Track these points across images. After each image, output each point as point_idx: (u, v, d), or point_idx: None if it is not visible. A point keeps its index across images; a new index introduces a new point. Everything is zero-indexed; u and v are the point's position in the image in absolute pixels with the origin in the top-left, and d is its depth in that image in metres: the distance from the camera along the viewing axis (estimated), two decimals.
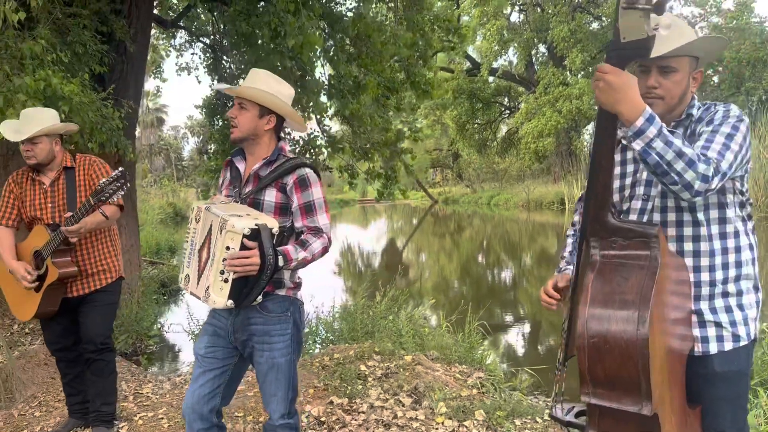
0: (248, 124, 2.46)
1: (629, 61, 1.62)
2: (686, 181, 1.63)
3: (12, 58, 4.56)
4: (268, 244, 2.20)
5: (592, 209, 1.72)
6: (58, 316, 3.42)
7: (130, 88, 7.50)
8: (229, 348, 2.51)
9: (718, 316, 1.87)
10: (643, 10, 1.51)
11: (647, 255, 1.64)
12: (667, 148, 1.61)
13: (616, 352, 1.58)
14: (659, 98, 1.87)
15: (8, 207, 3.38)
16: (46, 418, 3.94)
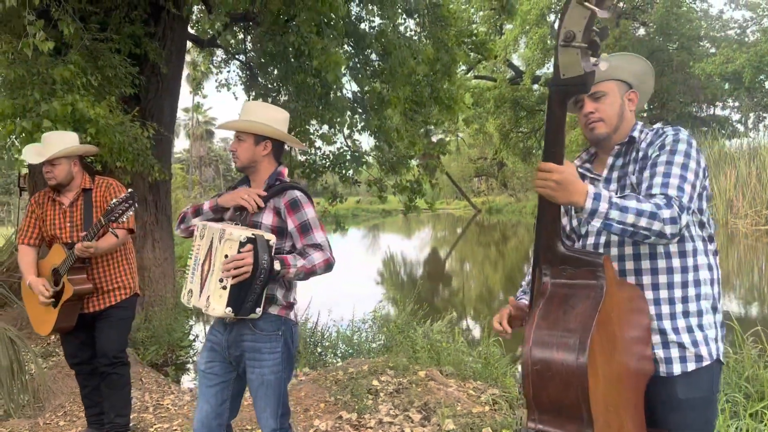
0: (246, 153, 2.62)
1: (570, 96, 1.66)
2: (657, 231, 1.68)
3: (44, 84, 4.83)
4: (263, 250, 2.35)
5: (544, 238, 1.75)
6: (76, 331, 3.60)
7: (164, 108, 7.79)
8: (226, 363, 2.62)
9: (681, 336, 1.87)
10: (580, 48, 1.56)
11: (594, 285, 1.67)
12: (624, 213, 1.66)
13: (558, 379, 1.60)
14: (600, 121, 1.98)
15: (30, 227, 3.58)
16: (69, 427, 4.13)
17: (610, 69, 1.94)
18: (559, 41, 1.59)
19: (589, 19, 1.54)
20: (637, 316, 1.82)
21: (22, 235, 3.58)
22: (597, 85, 1.96)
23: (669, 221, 1.67)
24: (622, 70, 2.01)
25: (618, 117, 1.99)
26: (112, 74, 5.58)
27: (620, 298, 1.73)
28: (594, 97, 1.98)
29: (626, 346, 1.75)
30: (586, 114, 2.00)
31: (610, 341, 1.66)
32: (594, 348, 1.58)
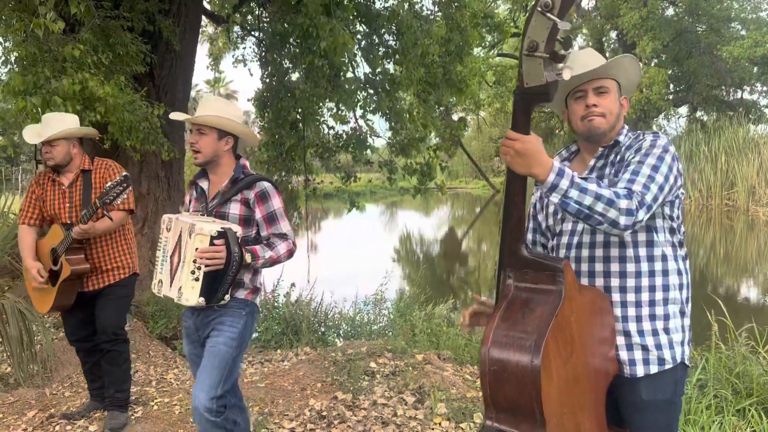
0: (209, 147, 2.74)
1: (533, 104, 1.68)
2: (611, 219, 1.70)
3: (54, 61, 4.90)
4: (234, 243, 2.50)
5: (508, 241, 1.78)
6: (76, 309, 3.71)
7: (178, 84, 7.86)
8: (199, 345, 2.75)
9: (645, 339, 1.91)
10: (542, 59, 1.58)
11: (553, 290, 1.70)
12: (583, 194, 1.68)
13: (513, 380, 1.65)
14: (601, 116, 1.96)
15: (30, 207, 3.68)
16: (74, 398, 4.28)
17: (613, 67, 1.95)
18: (522, 50, 1.60)
19: (552, 30, 1.56)
20: (600, 318, 1.86)
21: (22, 215, 3.68)
22: (601, 80, 1.96)
23: (625, 212, 1.70)
24: (625, 72, 2.00)
25: (616, 116, 2.00)
26: (124, 52, 5.63)
27: (581, 301, 1.76)
28: (598, 91, 1.96)
29: (587, 348, 1.78)
30: (588, 105, 1.96)
31: (568, 344, 1.70)
32: (549, 351, 1.62)
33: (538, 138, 1.69)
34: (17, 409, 4.11)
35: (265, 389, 4.37)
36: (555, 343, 1.65)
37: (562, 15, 1.55)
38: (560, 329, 1.67)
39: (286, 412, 4.01)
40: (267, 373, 4.73)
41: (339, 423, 3.88)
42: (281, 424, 3.84)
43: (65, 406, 4.13)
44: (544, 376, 1.60)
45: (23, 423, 3.86)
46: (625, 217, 1.71)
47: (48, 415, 3.95)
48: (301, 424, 3.86)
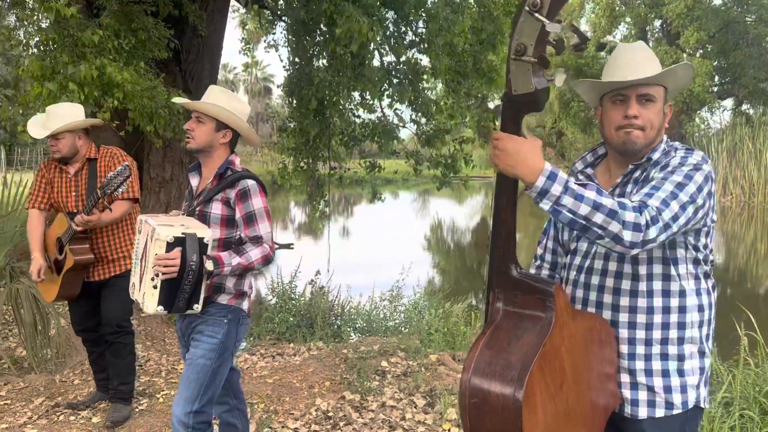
0: (204, 137, 2.61)
1: (522, 113, 1.52)
2: (612, 233, 1.49)
3: (74, 46, 4.87)
4: (192, 251, 2.33)
5: (497, 261, 1.64)
6: (82, 299, 3.69)
7: (205, 69, 7.81)
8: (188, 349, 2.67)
9: (652, 379, 1.73)
10: (530, 63, 1.42)
11: (542, 317, 1.56)
12: (578, 202, 1.48)
13: (495, 415, 1.51)
14: (641, 129, 1.72)
15: (40, 191, 3.65)
16: (83, 387, 4.28)
17: (669, 72, 1.71)
18: (510, 54, 1.45)
19: (541, 32, 1.40)
20: (598, 348, 1.70)
21: (31, 200, 3.66)
22: (650, 87, 1.71)
23: (631, 226, 1.48)
24: (676, 76, 1.75)
25: (657, 131, 1.75)
26: (145, 37, 5.58)
27: (575, 329, 1.61)
28: (643, 99, 1.71)
29: (580, 379, 1.63)
30: (628, 116, 1.71)
31: (557, 376, 1.55)
32: (534, 384, 1.48)
33: (534, 140, 1.51)
34: (25, 395, 4.12)
35: (273, 385, 4.31)
36: (541, 375, 1.51)
37: (551, 15, 1.39)
38: (548, 360, 1.52)
39: (292, 411, 3.94)
40: (277, 368, 4.67)
41: (344, 425, 3.79)
42: (285, 423, 3.77)
43: (73, 395, 4.13)
44: (528, 411, 1.47)
45: (29, 410, 3.87)
46: (630, 232, 1.48)
47: (54, 404, 3.95)
48: (305, 424, 3.78)
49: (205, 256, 2.39)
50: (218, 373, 2.62)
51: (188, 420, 2.53)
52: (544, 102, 1.50)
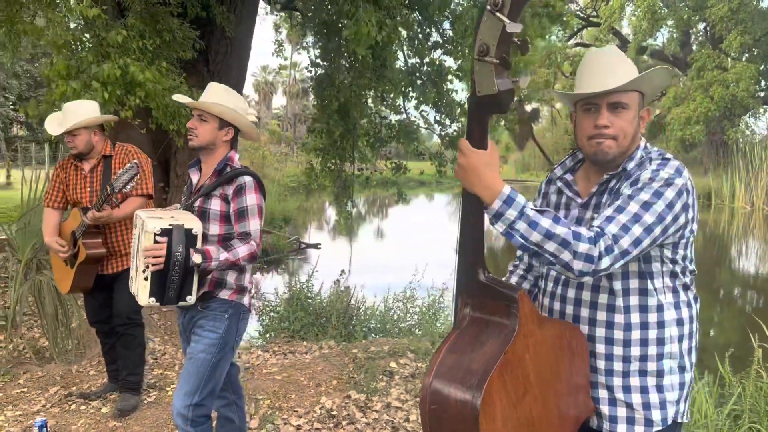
0: (207, 135, 2.66)
1: (487, 114, 1.50)
2: (563, 262, 1.47)
3: (99, 46, 5.01)
4: (178, 242, 2.38)
5: (465, 264, 1.63)
6: (96, 291, 3.79)
7: (233, 70, 7.93)
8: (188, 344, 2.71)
9: (631, 396, 1.69)
10: (492, 65, 1.41)
11: (506, 324, 1.54)
12: (531, 230, 1.46)
13: (453, 421, 1.51)
14: (612, 139, 1.67)
15: (55, 191, 3.77)
16: (97, 378, 4.39)
17: (642, 78, 1.64)
18: (474, 54, 1.44)
19: (502, 32, 1.38)
20: (568, 357, 1.67)
21: (47, 199, 3.77)
22: (622, 94, 1.64)
23: (583, 257, 1.45)
24: (651, 82, 1.68)
25: (631, 139, 1.68)
26: (170, 38, 5.70)
27: (542, 337, 1.59)
28: (614, 107, 1.65)
29: (547, 389, 1.61)
30: (598, 126, 1.66)
31: (521, 384, 1.53)
32: (493, 391, 1.47)
33: (492, 153, 1.48)
34: (42, 384, 4.25)
35: (281, 382, 4.35)
36: (502, 382, 1.49)
37: (513, 15, 1.37)
38: (510, 368, 1.51)
39: (296, 408, 3.97)
40: (287, 366, 4.71)
41: (347, 424, 3.81)
42: (288, 420, 3.81)
43: (87, 385, 4.25)
44: (485, 419, 1.45)
45: (44, 399, 3.99)
46: (582, 263, 1.46)
47: (67, 393, 4.06)
48: (308, 422, 3.81)
49: (193, 249, 2.43)
50: (218, 367, 2.66)
51: (187, 413, 2.57)
52: (508, 104, 1.47)
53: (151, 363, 4.77)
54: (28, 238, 5.33)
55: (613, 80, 1.63)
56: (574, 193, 1.82)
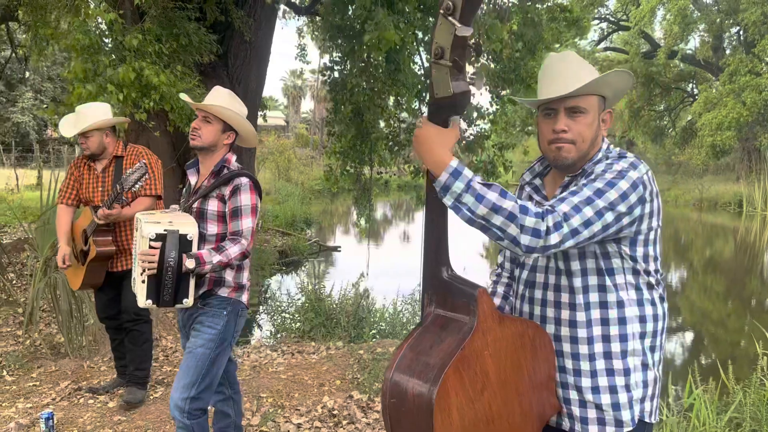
0: (211, 137, 2.72)
1: (444, 115, 1.53)
2: (511, 236, 1.47)
3: (116, 50, 5.15)
4: (171, 248, 2.44)
5: (430, 262, 1.65)
6: (105, 288, 3.89)
7: (251, 74, 8.05)
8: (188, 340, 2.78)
9: (600, 396, 1.68)
10: (447, 68, 1.44)
11: (465, 321, 1.56)
12: (478, 203, 1.46)
13: (410, 416, 1.53)
14: (571, 143, 1.68)
15: (69, 188, 3.89)
16: (107, 373, 4.50)
17: (598, 81, 1.65)
18: (431, 57, 1.47)
19: (455, 36, 1.41)
20: (531, 355, 1.68)
21: (61, 196, 3.89)
22: (579, 99, 1.65)
23: (529, 231, 1.45)
24: (609, 85, 1.70)
25: (590, 142, 1.69)
26: (186, 42, 5.82)
27: (501, 334, 1.60)
28: (572, 112, 1.66)
29: (508, 386, 1.62)
30: (556, 130, 1.67)
31: (479, 380, 1.55)
32: (448, 386, 1.49)
33: (446, 130, 1.50)
34: (54, 378, 4.37)
35: (286, 381, 4.41)
36: (458, 378, 1.51)
37: (465, 20, 1.40)
38: (467, 363, 1.52)
39: (299, 407, 4.02)
40: (293, 365, 4.76)
41: (347, 424, 3.84)
42: (290, 418, 3.85)
43: (97, 380, 4.35)
44: (441, 413, 1.48)
45: (54, 392, 4.11)
46: (528, 237, 1.45)
47: (77, 387, 4.17)
48: (309, 420, 3.85)
49: (186, 254, 2.48)
50: (216, 362, 2.72)
51: (184, 405, 2.64)
52: (463, 106, 1.50)
53: (161, 360, 4.88)
54: (47, 237, 5.48)
55: (564, 85, 1.64)
56: (541, 197, 1.84)
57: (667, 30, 27.91)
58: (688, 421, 3.34)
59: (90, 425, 3.65)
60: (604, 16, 33.90)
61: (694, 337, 8.76)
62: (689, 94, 34.76)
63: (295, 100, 57.24)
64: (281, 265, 10.22)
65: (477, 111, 7.63)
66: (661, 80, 31.91)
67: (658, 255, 1.71)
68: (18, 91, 30.17)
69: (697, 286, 12.40)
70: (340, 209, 25.81)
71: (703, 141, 26.38)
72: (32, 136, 31.52)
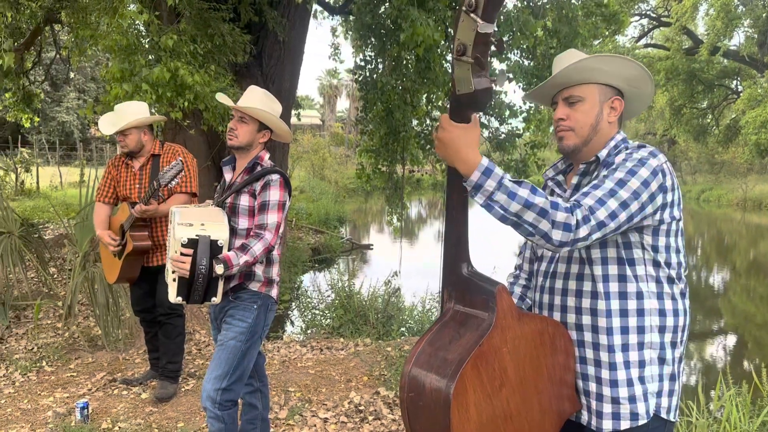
0: (247, 136, 2.81)
1: (466, 113, 1.53)
2: (542, 232, 1.50)
3: (152, 50, 5.26)
4: (203, 254, 2.50)
5: (449, 258, 1.66)
6: (141, 282, 3.99)
7: (285, 73, 8.14)
8: (219, 333, 2.85)
9: (617, 390, 1.67)
10: (469, 64, 1.44)
11: (484, 317, 1.57)
12: (510, 200, 1.49)
13: (428, 410, 1.54)
14: (569, 130, 1.75)
15: (106, 186, 3.99)
16: (141, 365, 4.61)
17: (592, 71, 1.71)
18: (453, 53, 1.47)
19: (477, 33, 1.41)
20: (550, 353, 1.67)
21: (99, 194, 4.00)
22: (573, 89, 1.74)
23: (561, 226, 1.48)
24: (608, 73, 1.74)
25: (591, 128, 1.75)
26: (220, 42, 5.91)
27: (520, 332, 1.60)
28: (569, 101, 1.75)
29: (526, 383, 1.62)
30: (556, 120, 1.78)
31: (497, 377, 1.55)
32: (466, 382, 1.49)
33: (471, 129, 1.52)
34: (90, 369, 4.50)
35: (314, 376, 4.45)
36: (476, 373, 1.51)
37: (488, 16, 1.39)
38: (485, 360, 1.53)
39: (326, 402, 4.06)
40: (321, 361, 4.80)
41: (373, 420, 3.86)
42: (317, 413, 3.89)
43: (131, 372, 4.46)
44: (458, 408, 1.48)
45: (90, 383, 4.22)
46: (560, 231, 1.49)
47: (112, 379, 4.29)
48: (335, 415, 3.88)
49: (215, 259, 2.55)
50: (247, 354, 2.78)
51: (216, 396, 2.70)
52: (485, 103, 1.51)
53: (194, 353, 4.97)
54: (85, 232, 5.62)
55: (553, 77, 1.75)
56: (562, 191, 1.86)
57: (709, 25, 27.20)
58: (719, 423, 3.26)
59: (123, 415, 3.74)
60: (644, 12, 33.25)
61: (736, 341, 8.55)
62: (733, 91, 33.83)
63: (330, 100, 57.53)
64: (314, 263, 10.31)
65: (509, 109, 7.57)
66: (704, 77, 31.12)
67: (680, 248, 1.71)
68: (63, 91, 31.06)
69: (739, 288, 12.10)
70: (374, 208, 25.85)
71: (747, 139, 25.67)
72: (76, 135, 32.40)
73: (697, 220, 24.07)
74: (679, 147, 41.13)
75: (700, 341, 8.35)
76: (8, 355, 4.73)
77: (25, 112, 9.55)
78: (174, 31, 5.41)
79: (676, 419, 1.75)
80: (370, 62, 6.97)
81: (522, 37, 6.25)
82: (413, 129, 8.42)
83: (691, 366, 7.30)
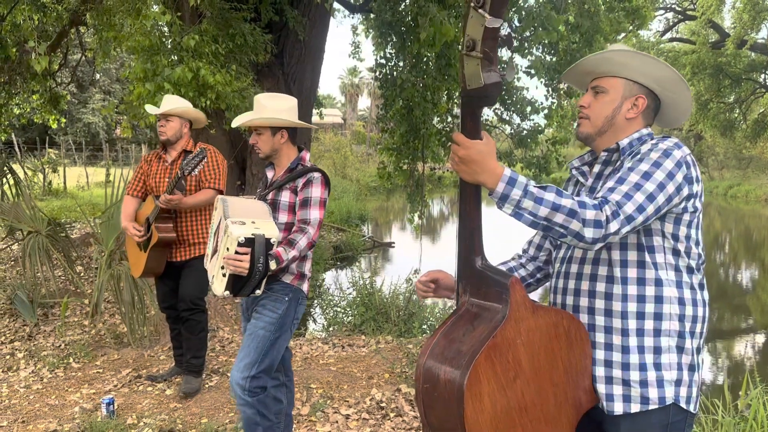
0: (266, 145, 2.92)
1: (478, 108, 1.54)
2: (574, 232, 1.52)
3: (175, 50, 5.33)
4: (260, 253, 2.55)
5: (463, 252, 1.67)
6: (166, 278, 4.06)
7: (306, 73, 8.17)
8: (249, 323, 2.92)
9: (629, 373, 1.68)
10: (478, 59, 1.45)
11: (498, 309, 1.57)
12: (538, 205, 1.52)
13: (442, 401, 1.56)
14: (586, 118, 1.81)
15: (136, 181, 4.09)
16: (166, 362, 4.68)
17: (619, 65, 1.73)
18: (462, 49, 1.48)
19: (485, 28, 1.42)
20: (566, 345, 1.67)
21: (129, 187, 4.12)
22: (601, 79, 1.77)
23: (591, 223, 1.50)
24: (634, 70, 1.74)
25: (606, 120, 1.77)
26: (242, 42, 5.96)
27: (535, 324, 1.60)
28: (595, 90, 1.78)
29: (541, 375, 1.62)
30: (579, 105, 1.83)
31: (511, 368, 1.56)
32: (480, 373, 1.50)
33: (489, 141, 1.55)
34: (116, 366, 4.58)
35: (335, 373, 4.48)
36: (490, 365, 1.52)
37: (495, 12, 1.40)
38: (499, 351, 1.53)
39: (347, 398, 4.08)
40: (343, 357, 4.83)
41: (395, 416, 3.87)
42: (338, 409, 3.92)
43: (155, 368, 4.53)
44: (472, 398, 1.49)
45: (115, 379, 4.31)
46: (592, 229, 1.51)
47: (137, 375, 4.36)
48: (357, 412, 3.91)
49: (269, 254, 2.60)
50: (276, 344, 2.85)
51: (245, 383, 2.76)
52: (495, 97, 1.51)
53: (217, 350, 5.03)
54: (111, 231, 5.73)
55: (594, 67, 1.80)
56: (585, 179, 1.88)
57: (736, 18, 26.71)
58: (745, 422, 3.22)
59: (148, 411, 3.81)
60: (669, 6, 32.75)
61: (765, 339, 8.41)
62: (761, 85, 33.17)
63: (351, 98, 57.68)
64: (336, 261, 10.36)
65: (531, 105, 7.53)
66: (731, 71, 30.57)
67: (699, 240, 1.72)
68: (88, 92, 31.57)
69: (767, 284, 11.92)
70: (395, 206, 25.85)
71: None
72: (102, 135, 32.91)
73: (725, 216, 23.70)
74: (706, 142, 40.48)
75: (727, 339, 8.24)
76: (36, 352, 4.83)
77: (52, 113, 9.74)
78: (196, 31, 5.48)
79: (696, 410, 1.74)
80: (391, 60, 6.99)
81: (544, 33, 6.21)
82: (434, 126, 8.42)
83: (718, 364, 7.21)
